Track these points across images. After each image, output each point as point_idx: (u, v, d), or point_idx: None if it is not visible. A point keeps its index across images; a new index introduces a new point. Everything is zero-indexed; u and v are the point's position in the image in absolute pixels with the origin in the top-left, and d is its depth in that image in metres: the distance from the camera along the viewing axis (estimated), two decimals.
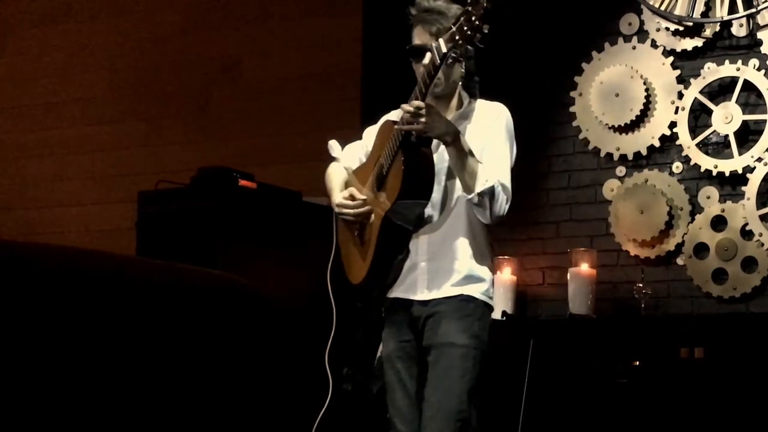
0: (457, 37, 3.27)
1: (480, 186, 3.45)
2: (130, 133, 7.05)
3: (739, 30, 5.45)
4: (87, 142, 7.15)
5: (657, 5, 5.55)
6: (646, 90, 5.56)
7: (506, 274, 5.65)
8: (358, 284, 3.58)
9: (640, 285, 5.38)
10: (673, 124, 5.53)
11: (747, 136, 5.39)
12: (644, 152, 5.58)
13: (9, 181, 7.38)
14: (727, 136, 5.39)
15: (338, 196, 3.65)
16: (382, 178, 3.50)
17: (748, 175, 5.35)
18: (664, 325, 5.28)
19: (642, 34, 5.65)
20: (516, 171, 3.67)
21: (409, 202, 3.44)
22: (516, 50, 5.90)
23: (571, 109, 5.75)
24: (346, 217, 3.61)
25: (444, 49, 3.32)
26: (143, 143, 6.99)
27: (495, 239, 5.78)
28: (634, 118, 5.57)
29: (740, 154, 5.36)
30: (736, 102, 5.38)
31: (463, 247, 3.55)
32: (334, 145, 3.86)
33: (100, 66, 7.20)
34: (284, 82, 6.69)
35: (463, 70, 3.61)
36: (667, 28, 5.55)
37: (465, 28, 3.24)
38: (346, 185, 3.69)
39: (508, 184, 3.56)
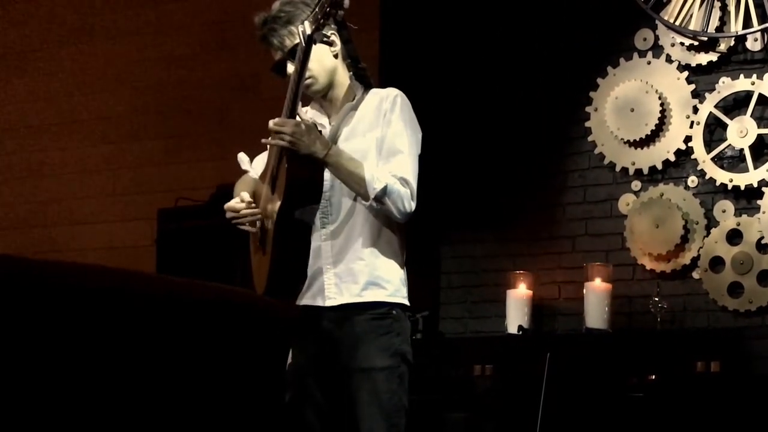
0: (319, 17, 3.16)
1: (371, 192, 3.27)
2: (149, 150, 7.09)
3: (753, 44, 5.47)
4: (107, 160, 7.20)
5: (671, 20, 5.57)
6: (661, 105, 5.58)
7: (522, 289, 5.67)
8: (263, 294, 3.35)
9: (656, 299, 5.39)
10: (688, 139, 5.54)
11: (762, 149, 5.40)
12: (659, 166, 5.60)
13: (30, 199, 7.44)
14: (742, 149, 5.40)
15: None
16: (274, 181, 3.35)
17: (764, 189, 5.36)
18: (680, 338, 5.29)
19: (657, 49, 5.67)
20: (530, 186, 3.52)
21: (304, 205, 3.29)
22: (531, 66, 5.93)
23: (587, 124, 5.77)
24: (235, 222, 3.42)
25: (309, 31, 3.19)
26: (163, 161, 7.03)
27: (511, 254, 5.92)
28: (649, 133, 5.59)
29: (755, 167, 5.37)
30: (751, 116, 5.39)
31: (367, 247, 3.35)
32: (243, 158, 3.67)
33: (120, 84, 7.25)
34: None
35: (335, 49, 3.41)
36: (682, 43, 5.57)
37: (324, 5, 3.14)
38: (254, 195, 3.48)
39: (410, 176, 3.33)
